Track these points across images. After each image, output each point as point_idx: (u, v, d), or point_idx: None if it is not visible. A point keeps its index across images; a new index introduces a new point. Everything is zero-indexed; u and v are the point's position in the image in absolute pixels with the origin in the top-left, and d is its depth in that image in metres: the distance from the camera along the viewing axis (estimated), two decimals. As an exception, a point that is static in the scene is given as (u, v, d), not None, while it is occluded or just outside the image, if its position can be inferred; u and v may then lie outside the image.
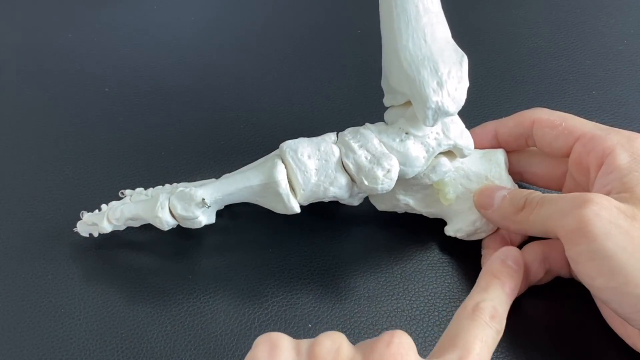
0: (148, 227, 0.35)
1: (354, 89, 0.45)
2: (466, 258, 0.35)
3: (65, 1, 0.54)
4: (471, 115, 0.35)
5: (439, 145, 0.32)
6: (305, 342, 0.25)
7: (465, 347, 0.26)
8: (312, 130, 0.36)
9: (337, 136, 0.33)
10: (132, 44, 0.50)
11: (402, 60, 0.30)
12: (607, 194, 0.29)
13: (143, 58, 0.49)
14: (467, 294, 0.34)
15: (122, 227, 0.35)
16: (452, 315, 0.33)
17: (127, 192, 0.37)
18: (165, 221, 0.33)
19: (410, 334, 0.32)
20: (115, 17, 0.52)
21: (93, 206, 0.36)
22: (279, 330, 0.32)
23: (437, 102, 0.29)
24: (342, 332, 0.32)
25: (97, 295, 0.34)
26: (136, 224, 0.35)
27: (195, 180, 0.37)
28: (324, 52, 0.49)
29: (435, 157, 0.32)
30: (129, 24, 0.52)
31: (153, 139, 0.42)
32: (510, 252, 0.31)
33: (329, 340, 0.25)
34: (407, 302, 0.34)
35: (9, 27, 0.52)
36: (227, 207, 0.36)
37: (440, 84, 0.29)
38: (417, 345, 0.32)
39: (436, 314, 0.33)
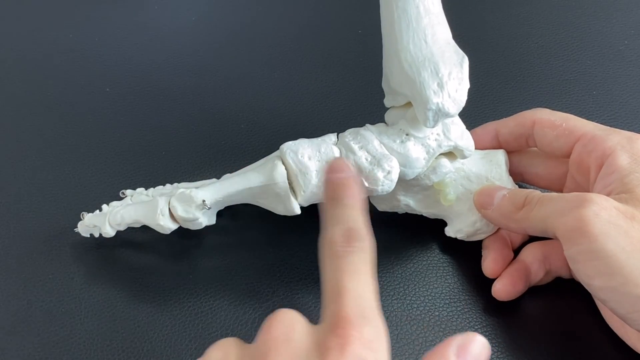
0: (149, 227, 0.35)
1: (354, 89, 0.45)
2: (466, 259, 0.35)
3: (66, 1, 0.54)
4: (472, 115, 0.35)
5: (440, 146, 0.32)
6: None
7: (335, 294, 0.23)
8: (313, 130, 0.36)
9: (338, 137, 0.33)
10: (132, 44, 0.50)
11: (403, 62, 0.30)
12: (608, 194, 0.29)
13: (144, 58, 0.49)
14: (467, 294, 0.34)
15: (123, 228, 0.35)
16: (452, 315, 0.33)
17: (128, 192, 0.37)
18: (167, 227, 0.33)
19: (411, 334, 0.32)
20: (116, 17, 0.52)
21: (94, 206, 0.36)
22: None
23: (437, 103, 0.29)
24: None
25: (97, 294, 0.34)
26: (137, 225, 0.35)
27: (196, 180, 0.37)
28: (325, 52, 0.49)
29: (435, 158, 0.32)
30: (130, 23, 0.52)
31: (154, 139, 0.42)
32: (330, 165, 0.29)
33: (215, 351, 0.24)
34: (407, 302, 0.34)
35: (9, 27, 0.52)
36: (228, 207, 0.36)
37: (440, 86, 0.29)
38: (417, 345, 0.32)
39: (436, 314, 0.33)
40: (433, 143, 0.32)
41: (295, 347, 0.22)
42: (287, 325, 0.23)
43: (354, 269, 0.24)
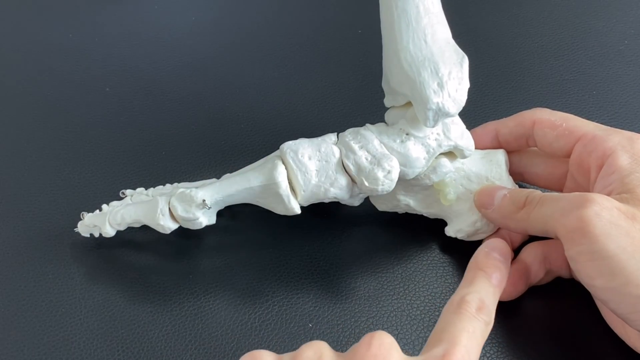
0: (149, 227, 0.35)
1: (354, 89, 0.45)
2: (466, 259, 0.35)
3: (66, 1, 0.54)
4: (472, 115, 0.35)
5: (440, 146, 0.32)
6: (287, 356, 0.25)
7: (450, 341, 0.25)
8: (313, 130, 0.36)
9: (338, 137, 0.33)
10: (132, 44, 0.50)
11: (403, 61, 0.30)
12: (608, 194, 0.29)
13: (144, 58, 0.49)
14: (468, 295, 0.34)
15: (124, 228, 0.35)
16: (452, 315, 0.33)
17: (128, 192, 0.37)
18: (168, 227, 0.33)
19: (411, 334, 0.32)
20: (116, 17, 0.52)
21: (94, 206, 0.36)
22: (279, 330, 0.33)
23: (437, 103, 0.29)
24: (342, 332, 0.32)
25: (97, 294, 0.34)
26: (137, 225, 0.35)
27: (196, 180, 0.37)
28: (325, 52, 0.49)
29: (435, 157, 0.32)
30: (130, 24, 0.52)
31: (154, 139, 0.42)
32: (495, 243, 0.30)
33: (310, 351, 0.25)
34: (407, 302, 0.34)
35: (9, 27, 0.52)
36: (228, 207, 0.36)
37: (440, 85, 0.29)
38: (417, 345, 0.32)
39: (436, 314, 0.33)
40: (433, 143, 0.32)
41: None
42: (386, 348, 0.24)
43: (473, 332, 0.26)
